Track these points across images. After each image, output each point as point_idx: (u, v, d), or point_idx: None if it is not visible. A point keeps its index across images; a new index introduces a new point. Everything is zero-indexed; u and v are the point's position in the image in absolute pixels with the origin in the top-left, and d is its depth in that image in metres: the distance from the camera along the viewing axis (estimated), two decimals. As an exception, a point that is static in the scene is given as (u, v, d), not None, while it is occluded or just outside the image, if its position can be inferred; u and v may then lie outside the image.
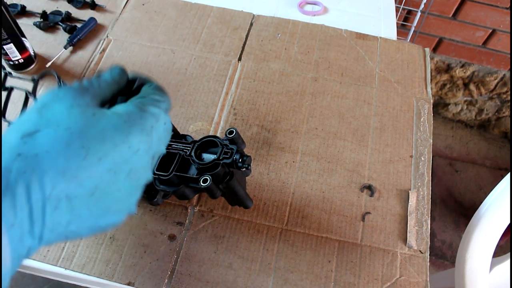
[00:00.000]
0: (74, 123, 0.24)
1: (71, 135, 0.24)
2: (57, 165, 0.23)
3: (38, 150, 0.23)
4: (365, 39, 0.67)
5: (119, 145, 0.25)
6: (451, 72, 1.41)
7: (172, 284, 0.46)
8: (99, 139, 0.25)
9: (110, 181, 0.25)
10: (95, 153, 0.24)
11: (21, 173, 0.22)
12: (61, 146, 0.23)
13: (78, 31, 0.64)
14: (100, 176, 0.24)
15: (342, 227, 0.50)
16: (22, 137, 0.23)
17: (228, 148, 0.43)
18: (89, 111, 0.26)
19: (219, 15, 0.69)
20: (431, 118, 0.59)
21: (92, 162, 0.24)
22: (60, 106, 0.25)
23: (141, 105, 0.28)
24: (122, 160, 0.26)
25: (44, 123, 0.24)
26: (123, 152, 0.26)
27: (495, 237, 0.62)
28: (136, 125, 0.27)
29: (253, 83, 0.61)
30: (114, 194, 0.26)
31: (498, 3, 1.15)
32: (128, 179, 0.26)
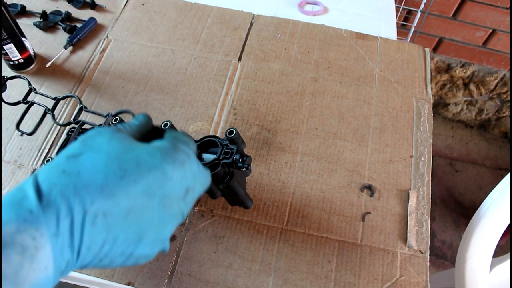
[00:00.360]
0: (113, 149, 0.27)
1: (110, 157, 0.26)
2: (96, 182, 0.25)
3: (81, 168, 0.25)
4: (365, 39, 0.67)
5: (153, 170, 0.27)
6: (451, 72, 1.41)
7: (172, 284, 0.46)
8: (135, 163, 0.27)
9: (144, 205, 0.27)
10: (131, 174, 0.26)
11: (65, 187, 0.24)
12: (100, 166, 0.26)
13: (78, 31, 0.64)
14: (135, 198, 0.26)
15: (342, 227, 0.50)
16: (67, 158, 0.26)
17: (228, 148, 0.43)
18: (127, 141, 0.29)
19: (219, 15, 0.69)
20: (431, 118, 0.59)
21: (128, 182, 0.26)
22: (101, 138, 0.28)
23: (174, 142, 0.30)
24: (156, 184, 0.27)
25: (87, 149, 0.27)
26: (157, 176, 0.27)
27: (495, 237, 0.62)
28: (169, 155, 0.29)
29: (253, 83, 0.61)
30: (147, 219, 0.27)
31: (498, 3, 1.15)
32: (161, 205, 0.28)
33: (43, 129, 0.56)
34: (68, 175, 0.25)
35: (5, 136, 0.55)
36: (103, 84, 0.60)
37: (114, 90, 0.60)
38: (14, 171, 0.52)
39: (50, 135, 0.55)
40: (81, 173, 0.25)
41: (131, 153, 0.27)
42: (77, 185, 0.24)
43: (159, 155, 0.28)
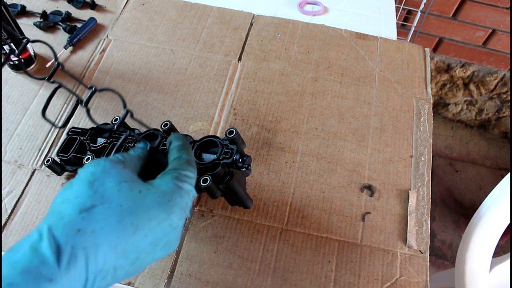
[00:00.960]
0: (124, 200, 0.27)
1: (123, 212, 0.26)
2: (110, 241, 0.25)
3: (95, 226, 0.25)
4: (365, 39, 0.67)
5: (162, 223, 0.28)
6: (451, 72, 1.41)
7: (172, 284, 0.46)
8: (147, 218, 0.27)
9: (149, 252, 0.28)
10: (142, 229, 0.27)
11: (82, 249, 0.24)
12: (114, 223, 0.26)
13: (78, 31, 0.64)
14: (143, 249, 0.27)
15: (342, 227, 0.50)
16: (80, 212, 0.26)
17: (228, 148, 0.43)
18: (136, 188, 0.28)
19: (219, 15, 0.69)
20: (431, 118, 0.59)
21: (139, 238, 0.27)
22: (110, 182, 0.27)
23: (178, 183, 0.30)
24: (163, 235, 0.28)
25: (98, 199, 0.26)
26: (165, 228, 0.28)
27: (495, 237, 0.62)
28: (177, 205, 0.29)
29: (253, 83, 0.61)
30: (148, 261, 0.29)
31: (498, 3, 1.15)
32: (163, 249, 0.29)
33: (43, 128, 0.56)
34: (84, 234, 0.25)
35: (5, 136, 0.55)
36: (103, 84, 0.60)
37: (114, 90, 0.60)
38: (14, 171, 0.52)
39: (50, 135, 0.55)
40: (95, 232, 0.25)
41: (142, 206, 0.27)
42: (92, 245, 0.25)
43: (168, 206, 0.29)
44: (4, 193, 0.51)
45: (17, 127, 0.56)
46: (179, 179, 0.31)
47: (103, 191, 0.27)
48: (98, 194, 0.27)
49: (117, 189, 0.27)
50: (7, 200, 0.50)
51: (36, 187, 0.51)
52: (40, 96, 0.59)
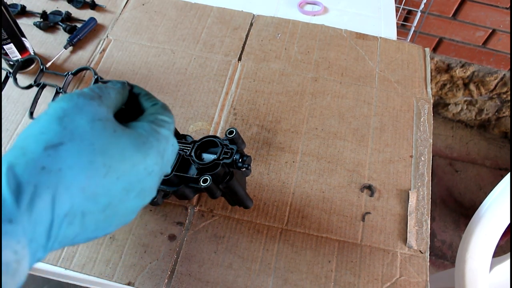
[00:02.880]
0: (97, 139, 0.24)
1: (94, 151, 0.24)
2: (79, 182, 0.23)
3: (62, 164, 0.23)
4: (365, 39, 0.67)
5: (136, 165, 0.26)
6: (451, 72, 1.41)
7: (172, 284, 0.46)
8: (120, 159, 0.25)
9: (121, 199, 0.26)
10: (114, 171, 0.24)
11: (45, 188, 0.22)
12: (84, 162, 0.23)
13: (78, 31, 0.64)
14: (115, 194, 0.25)
15: (342, 227, 0.50)
16: (46, 149, 0.23)
17: (228, 148, 0.43)
18: (110, 127, 0.26)
19: (219, 15, 0.69)
20: (431, 118, 0.59)
21: (111, 181, 0.24)
22: (82, 119, 0.25)
23: (155, 127, 0.28)
24: (137, 180, 0.26)
25: (67, 136, 0.23)
26: (139, 172, 0.26)
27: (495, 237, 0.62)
28: (153, 147, 0.27)
29: (253, 83, 0.61)
30: (122, 211, 0.26)
31: (498, 3, 1.15)
32: (137, 198, 0.27)
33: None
34: (48, 172, 0.22)
35: (5, 136, 0.55)
36: (103, 84, 0.60)
37: (114, 90, 0.60)
38: (14, 171, 0.52)
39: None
40: (62, 171, 0.22)
41: (116, 146, 0.25)
42: (58, 185, 0.22)
43: (143, 149, 0.26)
44: None
45: (17, 127, 0.56)
46: (156, 123, 0.29)
47: (73, 128, 0.24)
48: (67, 130, 0.24)
49: (90, 127, 0.24)
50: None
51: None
52: (40, 96, 0.59)
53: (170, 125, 0.30)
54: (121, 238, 0.48)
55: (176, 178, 0.43)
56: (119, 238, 0.48)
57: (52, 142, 0.23)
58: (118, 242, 0.48)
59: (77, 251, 0.47)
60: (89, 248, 0.47)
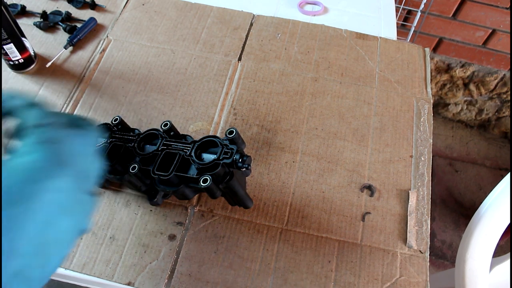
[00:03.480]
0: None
1: None
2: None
3: None
4: (365, 39, 0.67)
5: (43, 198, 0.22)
6: (451, 72, 1.41)
7: (172, 284, 0.46)
8: (20, 205, 0.21)
9: (49, 231, 0.22)
10: (23, 219, 0.21)
11: None
12: None
13: (78, 31, 0.64)
14: (39, 232, 0.22)
15: (342, 227, 0.50)
16: None
17: (228, 148, 0.43)
18: None
19: (219, 15, 0.69)
20: (431, 118, 0.59)
21: (23, 227, 0.21)
22: None
23: (47, 139, 0.23)
24: (54, 209, 0.23)
25: None
26: (50, 206, 0.22)
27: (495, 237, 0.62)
28: (54, 172, 0.23)
29: (253, 83, 0.61)
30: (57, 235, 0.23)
31: (498, 3, 1.15)
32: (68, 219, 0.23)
33: (43, 129, 0.56)
34: None
35: (5, 136, 0.55)
36: (103, 84, 0.60)
37: (114, 90, 0.60)
38: (14, 171, 0.52)
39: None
40: None
41: (10, 194, 0.21)
42: None
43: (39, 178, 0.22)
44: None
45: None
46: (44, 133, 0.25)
47: None
48: None
49: None
50: (7, 200, 0.50)
51: (36, 187, 0.51)
52: (40, 96, 0.59)
53: (57, 125, 0.26)
54: (121, 238, 0.48)
55: (176, 178, 0.43)
56: (119, 238, 0.48)
57: None
58: (118, 242, 0.48)
59: (77, 251, 0.47)
60: (89, 248, 0.47)
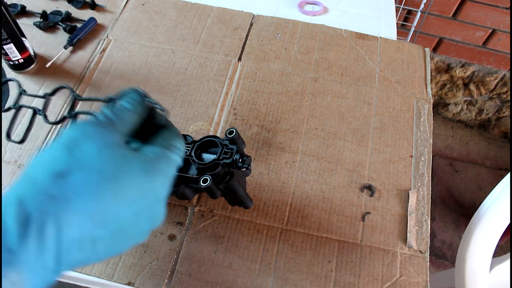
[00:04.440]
0: (105, 166, 0.24)
1: (103, 179, 0.24)
2: (88, 210, 0.23)
3: (70, 193, 0.23)
4: (365, 39, 0.67)
5: (145, 191, 0.26)
6: (451, 72, 1.41)
7: (172, 284, 0.46)
8: (129, 186, 0.25)
9: (131, 224, 0.26)
10: (123, 198, 0.24)
11: (54, 216, 0.22)
12: (93, 190, 0.23)
13: (78, 31, 0.64)
14: (124, 220, 0.25)
15: (342, 227, 0.50)
16: (54, 178, 0.23)
17: (228, 148, 0.43)
18: (119, 153, 0.25)
19: (219, 15, 0.69)
20: (431, 118, 0.59)
21: (120, 207, 0.24)
22: (91, 146, 0.24)
23: (166, 151, 0.28)
24: (146, 205, 0.26)
25: (75, 165, 0.23)
26: (148, 198, 0.26)
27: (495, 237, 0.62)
28: (162, 172, 0.27)
29: (253, 83, 0.61)
30: (132, 235, 0.26)
31: (498, 3, 1.15)
32: (148, 221, 0.27)
33: (43, 128, 0.56)
34: (57, 201, 0.22)
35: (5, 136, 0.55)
36: (103, 84, 0.60)
37: (114, 90, 0.60)
38: (14, 171, 0.52)
39: (50, 135, 0.55)
40: (71, 199, 0.22)
41: (125, 173, 0.25)
42: (66, 213, 0.22)
43: (153, 175, 0.26)
44: (4, 193, 0.51)
45: (17, 127, 0.56)
46: (168, 148, 0.29)
47: (81, 156, 0.24)
48: (75, 159, 0.24)
49: (98, 155, 0.24)
50: (7, 200, 0.50)
51: (36, 187, 0.51)
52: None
53: (180, 152, 0.30)
54: (121, 238, 0.48)
55: (176, 178, 0.43)
56: (119, 238, 0.48)
57: (60, 171, 0.23)
58: (118, 242, 0.48)
59: (77, 251, 0.47)
60: (89, 248, 0.47)
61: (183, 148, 0.31)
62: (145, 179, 0.26)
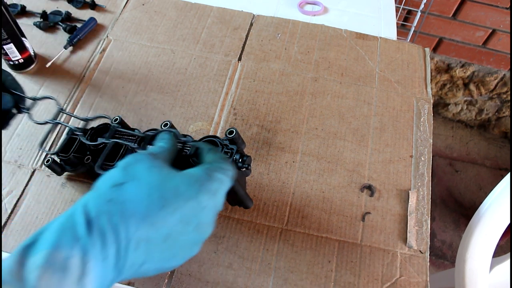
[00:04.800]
0: (153, 179, 0.29)
1: (151, 187, 0.29)
2: (140, 211, 0.27)
3: (125, 198, 0.28)
4: (365, 39, 0.67)
5: (189, 200, 0.29)
6: (451, 72, 1.41)
7: (172, 284, 0.46)
8: (174, 194, 0.29)
9: (180, 231, 0.29)
10: (170, 204, 0.28)
11: (112, 216, 0.27)
12: (143, 196, 0.28)
13: (78, 31, 0.64)
14: (173, 225, 0.28)
15: (342, 227, 0.50)
16: (112, 187, 0.28)
17: (228, 148, 0.43)
18: (165, 171, 0.31)
19: (219, 15, 0.69)
20: (431, 118, 0.59)
21: (167, 212, 0.28)
22: (141, 166, 0.30)
23: (208, 171, 0.32)
24: (192, 214, 0.30)
25: (129, 177, 0.29)
26: (193, 206, 0.29)
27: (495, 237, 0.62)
28: (204, 186, 0.31)
29: (253, 83, 0.61)
30: (182, 242, 0.30)
31: (498, 3, 1.15)
32: (195, 231, 0.30)
33: (43, 129, 0.56)
34: (114, 204, 0.27)
35: (5, 136, 0.55)
36: (103, 84, 0.60)
37: (114, 90, 0.60)
38: (14, 171, 0.52)
39: (50, 135, 0.55)
40: (125, 203, 0.27)
41: (170, 183, 0.29)
42: (123, 213, 0.27)
43: (195, 186, 0.30)
44: (4, 193, 0.51)
45: (17, 127, 0.56)
46: (210, 169, 0.33)
47: (134, 172, 0.30)
48: (129, 174, 0.30)
49: (147, 171, 0.30)
50: (7, 200, 0.50)
51: (36, 187, 0.51)
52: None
53: (226, 171, 0.33)
54: (121, 238, 0.48)
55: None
56: (119, 238, 0.48)
57: (117, 182, 0.29)
58: (118, 242, 0.48)
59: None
60: (89, 248, 0.47)
61: (230, 168, 0.34)
62: (188, 190, 0.30)
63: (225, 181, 0.33)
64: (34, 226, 0.48)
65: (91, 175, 0.50)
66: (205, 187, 0.30)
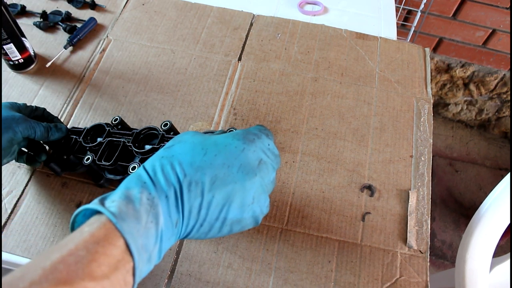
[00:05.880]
0: (195, 139, 0.35)
1: (194, 143, 0.35)
2: (186, 160, 0.33)
3: (174, 153, 0.34)
4: (365, 39, 0.67)
5: (227, 146, 0.35)
6: (451, 72, 1.41)
7: (172, 284, 0.46)
8: (213, 144, 0.35)
9: (225, 173, 0.33)
10: (211, 151, 0.34)
11: (164, 166, 0.32)
12: (188, 149, 0.34)
13: (78, 31, 0.64)
14: (217, 168, 0.33)
15: (342, 227, 0.50)
16: (163, 149, 0.35)
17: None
18: (206, 135, 0.37)
19: (219, 15, 0.69)
20: (431, 118, 0.59)
21: (210, 157, 0.33)
22: (186, 134, 0.37)
23: (245, 131, 0.37)
24: (232, 156, 0.34)
25: (177, 141, 0.36)
26: (231, 149, 0.34)
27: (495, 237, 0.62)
28: (239, 136, 0.36)
29: (253, 83, 0.61)
30: (231, 185, 0.33)
31: (498, 3, 1.15)
32: (239, 172, 0.34)
33: (43, 129, 0.56)
34: (165, 158, 0.33)
35: (5, 136, 0.55)
36: (103, 84, 0.60)
37: (114, 90, 0.60)
38: (14, 171, 0.52)
39: (50, 135, 0.55)
40: (174, 156, 0.33)
41: (210, 139, 0.35)
42: (172, 164, 0.32)
43: (231, 136, 0.36)
44: (4, 193, 0.51)
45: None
46: (247, 130, 0.37)
47: (180, 138, 0.36)
48: (176, 139, 0.36)
49: (191, 135, 0.36)
50: (7, 200, 0.50)
51: (36, 187, 0.51)
52: (40, 96, 0.59)
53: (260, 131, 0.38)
54: (121, 238, 0.48)
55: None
56: (119, 238, 0.48)
57: (167, 146, 0.36)
58: (118, 242, 0.48)
59: (77, 251, 0.47)
60: (89, 248, 0.47)
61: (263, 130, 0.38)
62: (225, 139, 0.35)
63: (261, 136, 0.37)
64: (34, 226, 0.48)
65: (91, 175, 0.50)
66: (240, 136, 0.36)
